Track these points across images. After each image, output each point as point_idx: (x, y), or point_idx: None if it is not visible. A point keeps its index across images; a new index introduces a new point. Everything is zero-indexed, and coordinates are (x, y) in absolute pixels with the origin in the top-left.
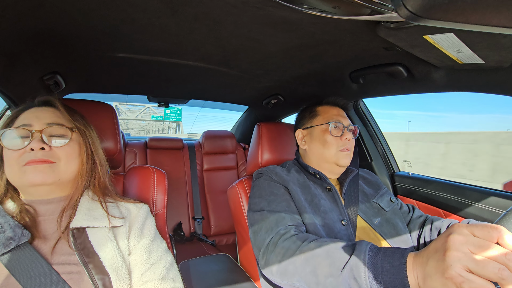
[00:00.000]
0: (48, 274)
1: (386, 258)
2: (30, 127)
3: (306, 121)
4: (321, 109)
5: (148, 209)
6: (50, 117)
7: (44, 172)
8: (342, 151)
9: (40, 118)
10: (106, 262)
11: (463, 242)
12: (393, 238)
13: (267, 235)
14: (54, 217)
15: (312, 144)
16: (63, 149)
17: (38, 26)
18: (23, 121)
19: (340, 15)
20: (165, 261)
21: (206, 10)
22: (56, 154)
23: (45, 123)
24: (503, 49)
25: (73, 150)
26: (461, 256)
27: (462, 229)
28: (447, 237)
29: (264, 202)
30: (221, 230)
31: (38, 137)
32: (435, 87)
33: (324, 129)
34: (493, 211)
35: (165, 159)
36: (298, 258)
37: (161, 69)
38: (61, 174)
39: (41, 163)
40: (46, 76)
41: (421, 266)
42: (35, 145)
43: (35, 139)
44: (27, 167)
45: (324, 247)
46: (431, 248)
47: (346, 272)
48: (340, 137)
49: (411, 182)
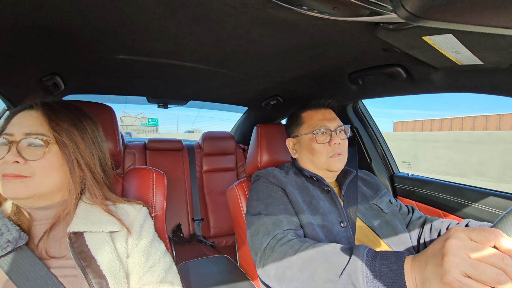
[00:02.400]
0: (46, 277)
1: (384, 262)
2: (11, 137)
3: (293, 129)
4: (306, 115)
5: (147, 212)
6: (30, 125)
7: (16, 187)
8: (333, 157)
9: (21, 126)
10: (103, 266)
11: (461, 247)
12: (392, 239)
13: (264, 239)
14: (47, 222)
15: (302, 153)
16: (39, 162)
17: (37, 27)
18: (9, 128)
19: (339, 17)
20: (163, 264)
21: (205, 12)
22: (30, 167)
23: (24, 132)
24: (501, 50)
25: (50, 163)
26: (459, 261)
27: (460, 233)
28: (445, 241)
29: (262, 205)
30: (221, 231)
31: (14, 149)
32: (434, 88)
33: (311, 138)
34: (492, 211)
35: (164, 160)
36: (295, 263)
37: (160, 71)
38: (35, 188)
39: (13, 177)
40: (45, 77)
41: (419, 270)
42: (9, 158)
43: (11, 151)
44: (3, 180)
45: (321, 252)
46: (429, 252)
47: (344, 277)
48: (328, 143)
49: (411, 183)
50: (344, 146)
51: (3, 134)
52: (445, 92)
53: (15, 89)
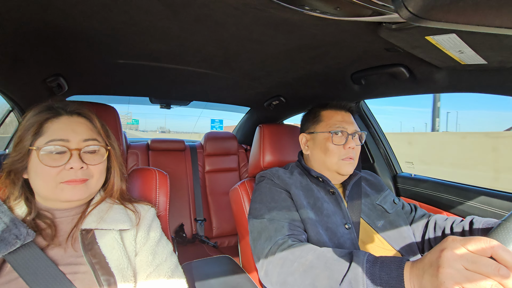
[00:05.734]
0: (54, 274)
1: (383, 269)
2: (67, 143)
3: (310, 125)
4: (325, 113)
5: (154, 212)
6: (85, 131)
7: (82, 190)
8: (344, 160)
9: (77, 132)
10: (112, 263)
11: (456, 258)
12: (397, 240)
13: (266, 244)
14: (68, 219)
15: (314, 150)
16: (97, 166)
17: (42, 29)
18: (58, 134)
19: (341, 17)
20: (170, 263)
21: (208, 12)
22: (90, 171)
23: (82, 139)
24: (505, 49)
25: (104, 166)
26: (454, 273)
27: (456, 243)
28: (441, 252)
29: (265, 208)
30: (223, 232)
31: (77, 155)
32: (437, 88)
33: (327, 137)
34: (496, 212)
35: (167, 161)
36: (296, 269)
37: (163, 71)
38: (92, 190)
39: (80, 182)
40: (49, 78)
41: (417, 278)
42: (76, 165)
43: (73, 157)
44: (65, 185)
45: (321, 258)
46: (426, 261)
47: (345, 285)
48: (343, 145)
49: (414, 183)
50: (357, 151)
51: (55, 140)
52: (448, 92)
53: (19, 90)
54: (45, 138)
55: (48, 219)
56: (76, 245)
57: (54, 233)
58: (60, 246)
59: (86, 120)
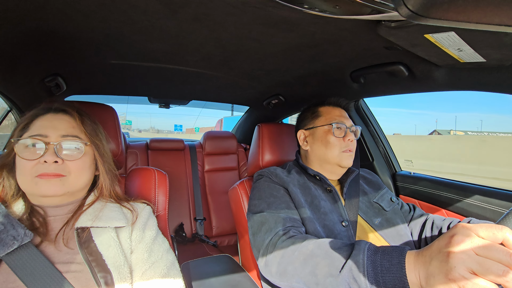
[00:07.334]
0: (51, 274)
1: (385, 256)
2: (46, 138)
3: (308, 121)
4: (324, 109)
5: (150, 210)
6: (65, 127)
7: (56, 185)
8: (344, 152)
9: (57, 128)
10: (108, 260)
11: (467, 244)
12: (393, 238)
13: (266, 236)
14: (61, 217)
15: (314, 145)
16: (75, 162)
17: (39, 28)
18: (39, 130)
19: (340, 15)
20: (166, 260)
21: (206, 11)
22: (67, 167)
23: (60, 134)
24: (504, 47)
25: (84, 163)
26: (465, 258)
27: (466, 229)
28: (451, 237)
29: (264, 204)
30: (223, 231)
31: (52, 149)
32: (436, 86)
33: (327, 130)
34: (495, 210)
35: (166, 160)
36: (297, 258)
37: (161, 71)
38: (70, 186)
39: (53, 176)
40: (48, 78)
41: (423, 265)
42: (49, 158)
43: (49, 151)
44: (39, 179)
45: (322, 247)
46: (434, 248)
47: (346, 272)
48: (343, 138)
49: (413, 181)
50: (354, 145)
51: (34, 135)
52: (447, 90)
53: (17, 90)
54: (28, 134)
55: (40, 216)
56: (71, 243)
57: (46, 231)
58: (55, 245)
59: (70, 118)
